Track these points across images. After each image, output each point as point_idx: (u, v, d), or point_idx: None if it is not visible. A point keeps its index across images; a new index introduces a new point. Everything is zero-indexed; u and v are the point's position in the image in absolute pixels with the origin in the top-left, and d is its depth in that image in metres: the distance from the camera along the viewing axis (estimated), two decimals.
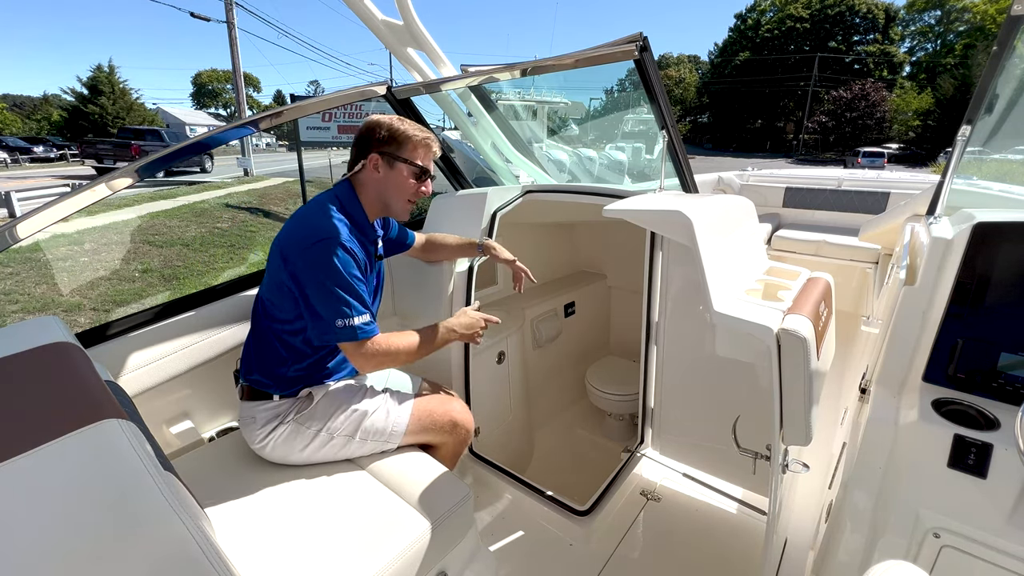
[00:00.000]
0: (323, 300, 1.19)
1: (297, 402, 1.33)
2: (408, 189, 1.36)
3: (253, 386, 1.33)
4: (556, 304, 2.71)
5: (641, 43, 1.37)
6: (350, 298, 1.20)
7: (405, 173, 1.34)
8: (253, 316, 1.38)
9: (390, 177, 1.34)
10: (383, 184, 1.34)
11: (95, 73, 27.43)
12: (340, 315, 1.19)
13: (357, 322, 1.21)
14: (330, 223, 1.23)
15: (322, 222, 1.23)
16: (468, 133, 2.47)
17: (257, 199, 12.09)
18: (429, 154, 1.38)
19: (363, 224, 1.37)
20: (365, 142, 1.33)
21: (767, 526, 1.22)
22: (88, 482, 0.70)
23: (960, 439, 0.97)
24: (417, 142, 1.34)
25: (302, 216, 1.29)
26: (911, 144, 34.03)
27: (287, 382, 1.32)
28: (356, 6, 1.81)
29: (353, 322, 1.20)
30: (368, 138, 1.32)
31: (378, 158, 1.32)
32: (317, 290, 1.19)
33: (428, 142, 1.36)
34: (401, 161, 1.33)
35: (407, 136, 1.33)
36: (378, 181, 1.34)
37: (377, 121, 1.33)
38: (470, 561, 1.31)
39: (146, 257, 7.39)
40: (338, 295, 1.19)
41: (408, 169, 1.34)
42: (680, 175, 1.93)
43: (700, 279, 1.12)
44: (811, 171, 4.85)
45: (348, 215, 1.32)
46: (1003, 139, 1.97)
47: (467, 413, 1.52)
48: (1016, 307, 1.03)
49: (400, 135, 1.32)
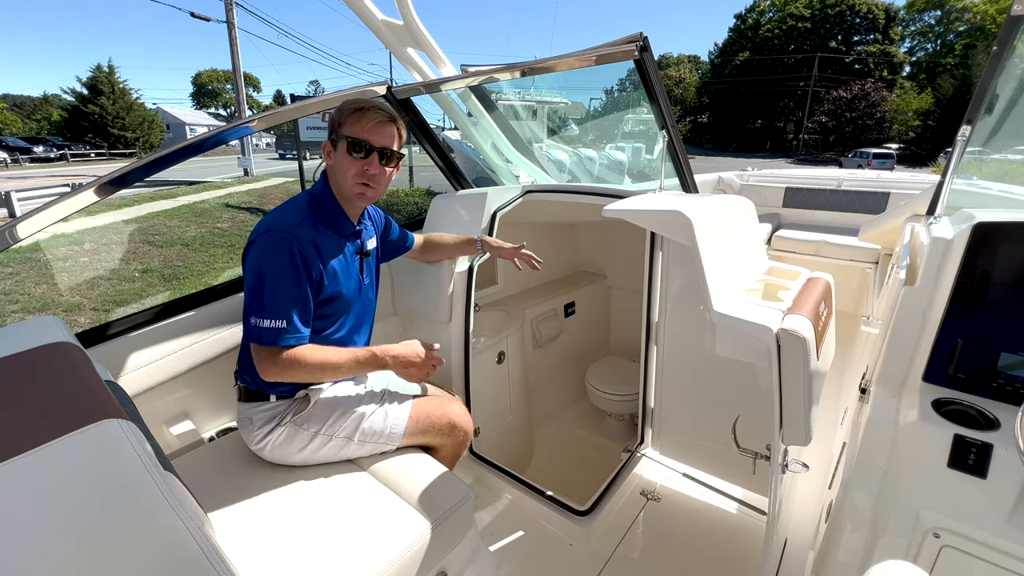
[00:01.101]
0: (247, 296, 1.16)
1: (294, 403, 1.32)
2: (348, 168, 1.23)
3: (249, 387, 1.32)
4: (556, 304, 2.71)
5: (641, 43, 1.37)
6: (265, 298, 1.14)
7: (344, 149, 1.22)
8: (243, 318, 1.38)
9: (337, 161, 1.25)
10: (334, 170, 1.27)
11: (95, 73, 27.38)
12: (254, 312, 1.15)
13: (265, 324, 1.14)
14: (286, 217, 1.19)
15: (278, 216, 1.19)
16: (468, 133, 2.47)
17: (257, 199, 12.09)
18: (369, 126, 1.22)
19: (336, 219, 1.31)
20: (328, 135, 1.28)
21: (767, 526, 1.22)
22: (88, 482, 0.70)
23: (960, 439, 0.97)
24: (348, 113, 1.22)
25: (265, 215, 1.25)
26: (911, 144, 34.01)
27: (279, 383, 1.30)
28: (356, 6, 1.81)
29: (262, 324, 1.14)
30: (327, 128, 1.28)
31: (329, 144, 1.26)
32: (246, 286, 1.17)
33: (361, 112, 1.21)
34: (342, 139, 1.22)
35: (342, 111, 1.22)
36: (332, 169, 1.28)
37: (333, 112, 1.25)
38: (470, 561, 1.31)
39: (146, 257, 7.39)
40: (256, 293, 1.15)
41: (346, 144, 1.22)
42: (680, 175, 1.93)
43: (700, 279, 1.12)
44: (811, 171, 4.85)
45: (317, 209, 1.27)
46: (1003, 139, 1.96)
47: (466, 415, 1.51)
48: (1016, 307, 1.03)
49: (339, 112, 1.22)
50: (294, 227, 1.19)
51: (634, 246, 2.19)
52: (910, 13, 42.53)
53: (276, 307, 1.15)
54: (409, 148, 12.69)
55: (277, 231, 1.16)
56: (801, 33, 42.96)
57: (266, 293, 1.15)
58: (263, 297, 1.15)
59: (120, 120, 27.80)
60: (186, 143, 1.44)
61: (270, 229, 1.17)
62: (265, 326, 1.15)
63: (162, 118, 36.51)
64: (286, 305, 1.16)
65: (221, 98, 63.16)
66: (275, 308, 1.15)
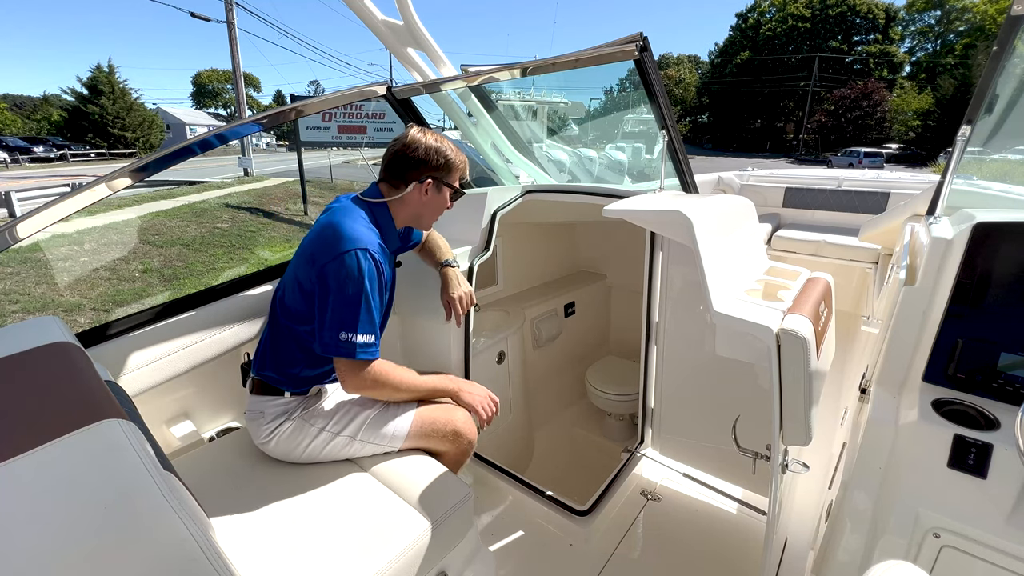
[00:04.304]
0: (336, 309, 1.19)
1: (306, 399, 1.36)
2: (442, 206, 1.44)
3: (266, 381, 1.34)
4: (556, 304, 2.71)
5: (641, 43, 1.37)
6: (362, 314, 1.19)
7: (447, 195, 1.42)
8: (271, 314, 1.40)
9: (435, 199, 1.40)
10: (427, 205, 1.40)
11: (95, 73, 27.37)
12: (346, 327, 1.18)
13: (359, 340, 1.19)
14: (367, 236, 1.24)
15: (357, 232, 1.23)
16: (468, 133, 2.47)
17: (257, 199, 12.09)
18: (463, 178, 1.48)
19: (390, 238, 1.40)
20: (418, 164, 1.34)
21: (767, 526, 1.22)
22: (88, 482, 0.70)
23: (960, 439, 0.97)
24: (462, 169, 1.42)
25: (336, 223, 1.25)
26: (911, 144, 34.00)
27: (299, 381, 1.35)
28: (356, 6, 1.81)
29: (355, 339, 1.18)
30: (423, 162, 1.35)
31: (431, 183, 1.37)
32: (333, 298, 1.19)
33: (464, 165, 1.44)
34: (447, 186, 1.40)
35: (457, 164, 1.40)
36: (423, 202, 1.39)
37: (436, 148, 1.35)
38: (470, 561, 1.31)
39: (146, 257, 7.39)
40: (351, 307, 1.18)
41: (450, 192, 1.42)
42: (680, 175, 1.93)
43: (700, 279, 1.12)
44: (811, 171, 4.85)
45: (379, 227, 1.33)
46: (1003, 139, 1.96)
47: (470, 424, 1.50)
48: (1016, 307, 1.03)
49: (453, 164, 1.39)
50: (377, 247, 1.26)
51: (634, 246, 2.19)
52: (910, 13, 42.54)
53: (371, 323, 1.21)
54: None
55: (367, 250, 1.21)
56: (801, 33, 42.98)
57: (363, 309, 1.19)
58: (359, 313, 1.19)
59: (120, 120, 27.80)
60: (186, 143, 1.44)
61: (361, 247, 1.20)
62: (359, 341, 1.19)
63: (162, 118, 36.53)
64: (376, 321, 1.24)
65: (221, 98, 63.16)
66: (370, 324, 1.21)
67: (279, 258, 7.98)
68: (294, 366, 1.33)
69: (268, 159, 27.93)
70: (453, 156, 1.38)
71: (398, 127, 10.49)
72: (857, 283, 3.03)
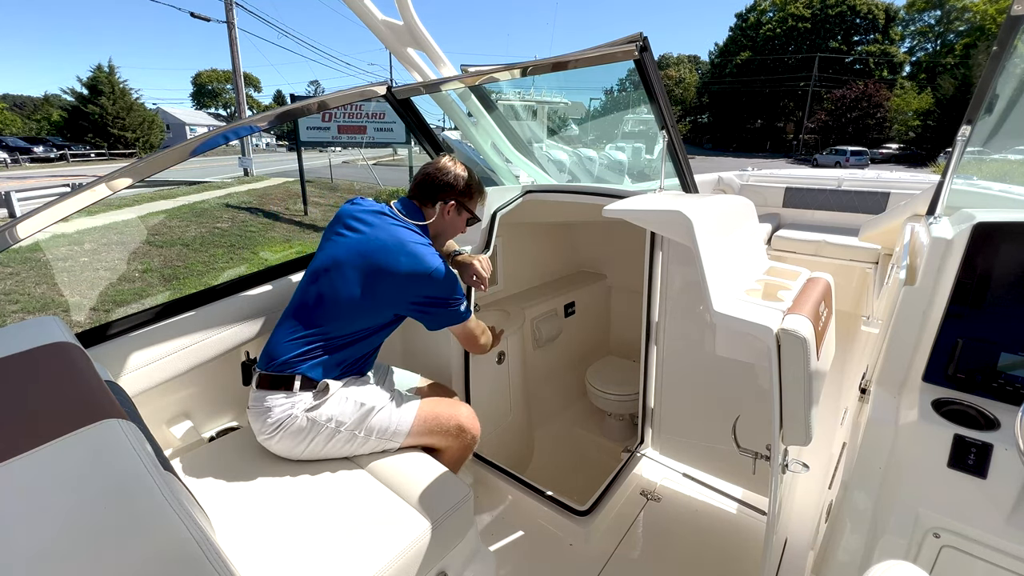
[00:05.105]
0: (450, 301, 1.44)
1: (314, 394, 1.35)
2: (460, 231, 1.62)
3: (275, 376, 1.34)
4: (556, 304, 2.71)
5: (641, 43, 1.37)
6: (459, 288, 1.47)
7: (465, 218, 1.59)
8: (294, 312, 1.41)
9: (455, 221, 1.57)
10: (447, 225, 1.56)
11: (95, 73, 27.36)
12: (455, 303, 1.45)
13: (463, 308, 1.47)
14: (431, 251, 1.43)
15: (428, 253, 1.41)
16: (468, 133, 2.47)
17: (257, 199, 12.09)
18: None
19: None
20: (448, 189, 1.52)
21: (767, 526, 1.22)
22: (88, 482, 0.70)
23: (960, 439, 0.97)
24: (480, 200, 1.62)
25: (402, 243, 1.39)
26: (911, 144, 34.01)
27: (310, 378, 1.35)
28: (356, 6, 1.81)
29: (460, 307, 1.46)
30: (451, 186, 1.52)
31: (455, 205, 1.53)
32: (446, 297, 1.43)
33: (482, 197, 1.63)
34: (467, 211, 1.57)
35: (479, 192, 1.60)
36: (445, 222, 1.55)
37: (463, 175, 1.54)
38: (470, 561, 1.31)
39: (146, 257, 7.39)
40: (454, 285, 1.44)
41: (468, 217, 1.59)
42: (680, 175, 1.93)
43: (700, 279, 1.12)
44: (809, 171, 4.85)
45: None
46: (1003, 139, 1.96)
47: (474, 419, 1.53)
48: (1016, 307, 1.03)
49: (475, 191, 1.58)
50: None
51: (634, 246, 2.19)
52: (910, 13, 42.54)
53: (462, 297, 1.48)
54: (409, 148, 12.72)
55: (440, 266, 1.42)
56: (801, 33, 42.97)
57: (458, 286, 1.45)
58: (456, 289, 1.44)
59: (120, 120, 27.79)
60: (186, 143, 1.44)
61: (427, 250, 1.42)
62: (463, 309, 1.46)
63: (162, 118, 36.55)
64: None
65: (221, 98, 63.15)
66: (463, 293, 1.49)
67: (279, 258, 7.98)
68: (312, 363, 1.34)
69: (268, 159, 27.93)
70: (475, 186, 1.57)
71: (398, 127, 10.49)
72: (857, 283, 3.03)
